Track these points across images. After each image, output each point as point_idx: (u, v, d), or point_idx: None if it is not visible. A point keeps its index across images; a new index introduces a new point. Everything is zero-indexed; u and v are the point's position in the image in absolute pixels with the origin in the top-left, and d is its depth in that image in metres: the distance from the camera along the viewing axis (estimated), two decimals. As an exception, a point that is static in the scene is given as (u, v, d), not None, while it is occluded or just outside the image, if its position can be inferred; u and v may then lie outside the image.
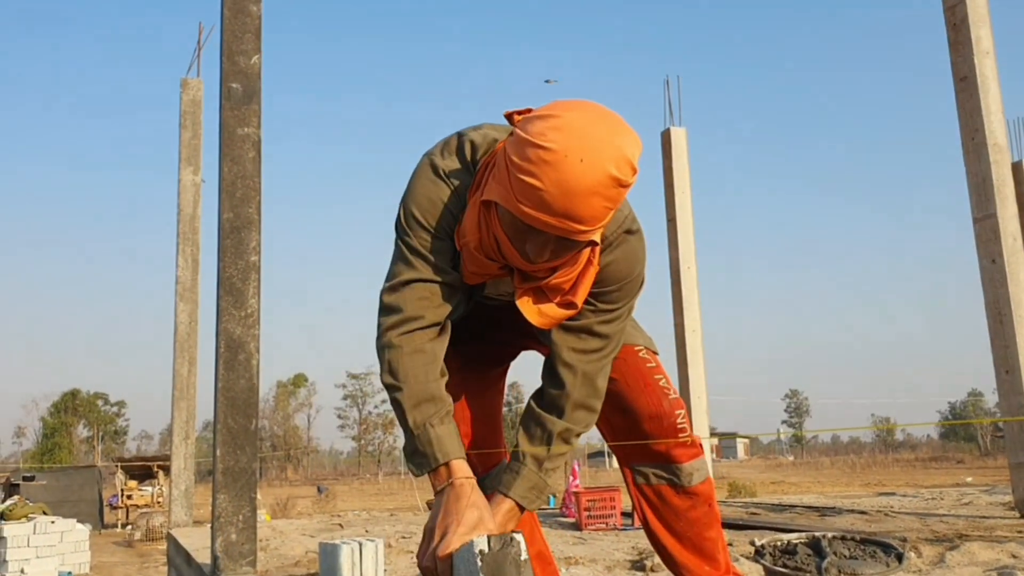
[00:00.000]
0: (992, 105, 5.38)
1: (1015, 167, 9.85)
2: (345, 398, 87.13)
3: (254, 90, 3.50)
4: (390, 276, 1.86)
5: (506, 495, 1.72)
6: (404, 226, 1.84)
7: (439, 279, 1.82)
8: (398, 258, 1.85)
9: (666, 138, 8.86)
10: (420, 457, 1.72)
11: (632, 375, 2.06)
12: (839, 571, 2.16)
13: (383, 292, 1.85)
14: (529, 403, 1.91)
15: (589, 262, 1.79)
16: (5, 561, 11.26)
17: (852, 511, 5.88)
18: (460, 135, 1.85)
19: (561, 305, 1.81)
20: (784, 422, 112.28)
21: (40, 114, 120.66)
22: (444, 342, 1.85)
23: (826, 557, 2.22)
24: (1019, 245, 5.17)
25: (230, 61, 3.50)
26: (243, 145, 3.37)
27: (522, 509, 1.73)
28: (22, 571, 11.24)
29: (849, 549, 2.28)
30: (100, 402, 78.97)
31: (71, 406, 73.21)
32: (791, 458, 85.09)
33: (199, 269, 6.56)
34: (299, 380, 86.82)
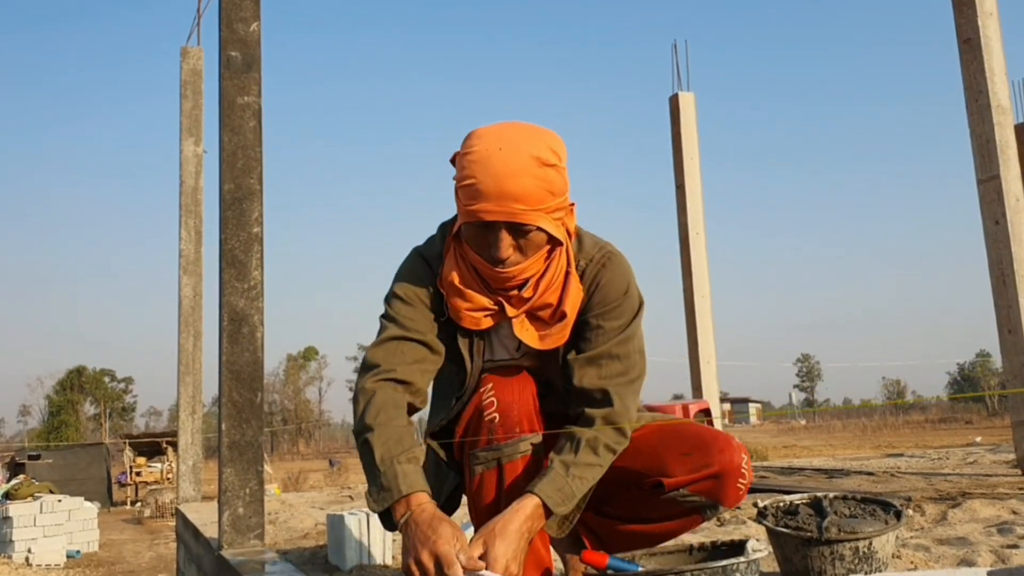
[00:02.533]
0: (996, 67, 5.37)
1: (1019, 129, 9.83)
2: (357, 371, 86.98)
3: (253, 58, 3.44)
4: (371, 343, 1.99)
5: (532, 492, 1.72)
6: (386, 301, 2.02)
7: (413, 338, 1.93)
8: (379, 328, 1.99)
9: (674, 104, 8.79)
10: (383, 492, 1.73)
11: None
12: (839, 529, 2.17)
13: (365, 354, 1.98)
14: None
15: (569, 273, 1.90)
16: (12, 541, 11.23)
17: (859, 473, 5.91)
18: (441, 225, 2.06)
19: (554, 320, 1.91)
20: (796, 387, 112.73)
21: (40, 85, 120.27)
22: (416, 401, 1.93)
23: (827, 516, 2.24)
24: (1022, 206, 5.18)
25: (229, 29, 3.43)
26: (243, 114, 3.32)
27: (548, 513, 1.72)
28: (29, 551, 11.20)
29: (850, 508, 2.29)
30: (107, 379, 79.10)
31: (77, 384, 73.32)
32: (803, 422, 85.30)
33: (202, 242, 6.49)
34: (310, 353, 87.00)
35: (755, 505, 2.56)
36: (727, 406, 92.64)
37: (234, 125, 3.28)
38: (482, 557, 1.60)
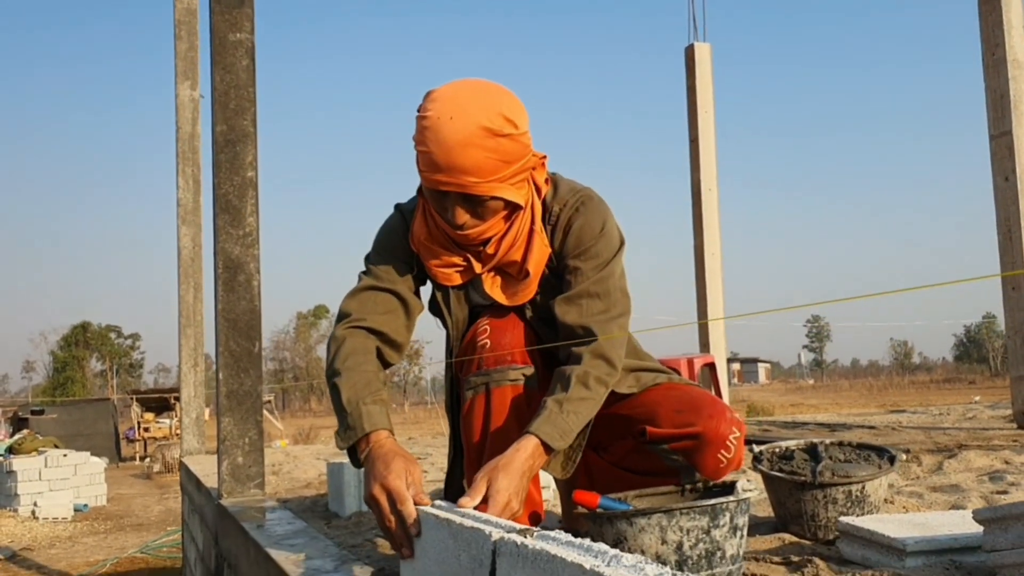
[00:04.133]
0: (1014, 20, 5.28)
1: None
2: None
3: (245, -9, 3.32)
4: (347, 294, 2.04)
5: (529, 432, 1.73)
6: (366, 255, 2.10)
7: (386, 288, 1.99)
8: (357, 279, 2.06)
9: (689, 55, 8.57)
10: (349, 431, 1.77)
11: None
12: (832, 473, 2.17)
13: (340, 304, 2.02)
14: None
15: (532, 231, 1.93)
16: (17, 495, 11.30)
17: (861, 427, 5.96)
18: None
19: (521, 277, 1.95)
20: (805, 347, 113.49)
21: (37, 32, 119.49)
22: (390, 351, 1.98)
23: (821, 461, 2.23)
24: (1033, 163, 5.13)
25: (219, -40, 3.31)
26: (235, 52, 3.24)
27: (548, 449, 1.73)
28: (35, 504, 11.30)
29: (844, 454, 2.29)
30: (113, 335, 79.40)
31: (82, 339, 73.58)
32: (811, 382, 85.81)
33: (201, 191, 6.41)
34: (320, 311, 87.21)
35: (750, 450, 2.56)
36: (737, 366, 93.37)
37: (226, 63, 3.21)
38: (485, 493, 1.59)
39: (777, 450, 2.36)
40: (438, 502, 1.53)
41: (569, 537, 1.12)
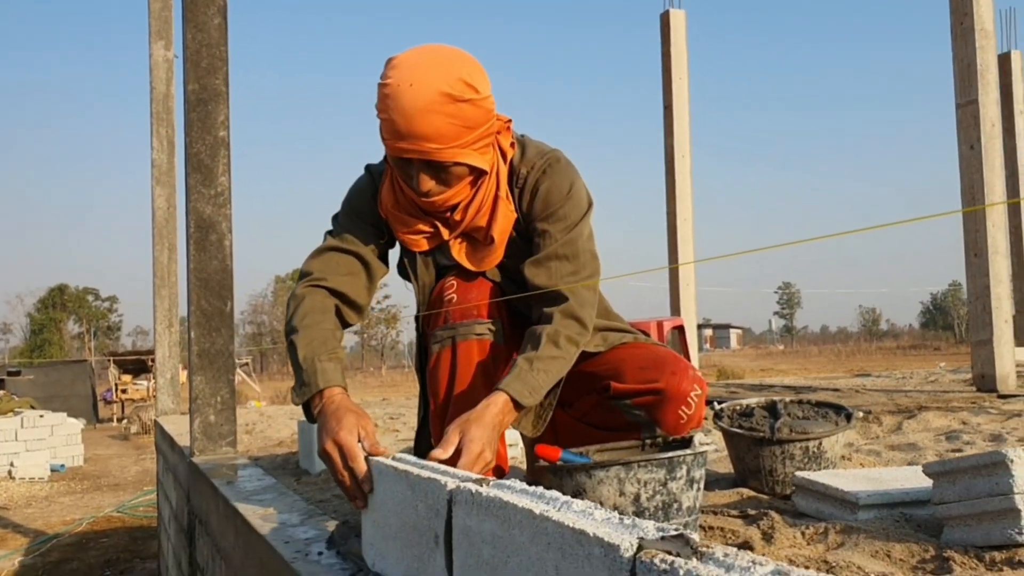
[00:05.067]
0: (982, -12, 5.33)
1: (1002, 58, 9.84)
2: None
3: (217, -52, 3.26)
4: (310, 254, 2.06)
5: (500, 389, 1.75)
6: (333, 216, 2.10)
7: (349, 250, 2.00)
8: (323, 238, 2.08)
9: (664, 21, 8.60)
10: (304, 387, 1.80)
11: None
12: (790, 430, 2.23)
13: (303, 264, 2.05)
14: None
15: (498, 197, 1.94)
16: (-8, 455, 11.34)
17: (826, 389, 6.06)
18: None
19: (487, 243, 1.97)
20: (776, 313, 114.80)
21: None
22: (350, 312, 2.01)
23: (780, 418, 2.29)
24: (997, 131, 5.23)
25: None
26: (207, 10, 3.20)
27: (517, 406, 1.76)
28: (12, 464, 11.30)
29: (803, 411, 2.35)
30: (90, 297, 78.96)
31: (59, 301, 73.18)
32: (781, 347, 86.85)
33: (175, 152, 6.35)
34: (298, 275, 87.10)
35: (711, 407, 2.62)
36: (709, 331, 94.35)
37: (198, 21, 3.18)
38: (458, 445, 1.63)
39: (738, 408, 2.42)
40: (400, 454, 1.56)
41: (524, 486, 1.16)
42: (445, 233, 1.97)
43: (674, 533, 0.83)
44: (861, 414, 2.68)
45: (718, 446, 2.52)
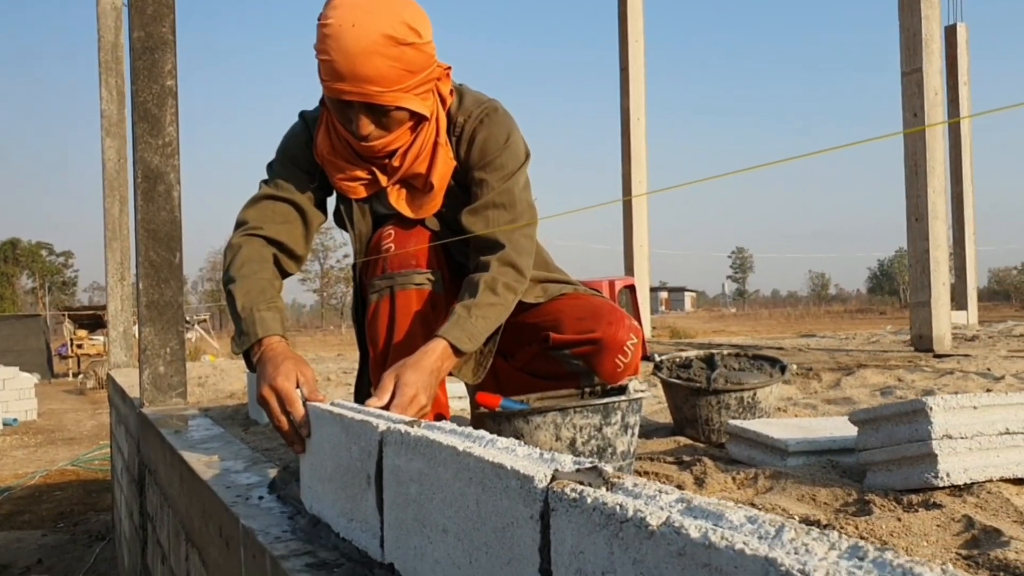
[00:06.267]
0: (929, -41, 5.43)
1: (949, 30, 9.99)
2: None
3: None
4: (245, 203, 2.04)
5: (439, 336, 1.77)
6: (268, 164, 2.08)
7: (284, 198, 2.00)
8: (258, 187, 2.06)
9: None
10: (243, 336, 1.81)
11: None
12: (726, 381, 2.29)
13: (238, 213, 2.03)
14: None
15: (437, 143, 1.94)
16: (-58, 409, 11.24)
17: (771, 347, 6.20)
18: None
19: (426, 190, 1.97)
20: (729, 277, 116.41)
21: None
22: (287, 260, 2.01)
23: (716, 369, 2.35)
24: (940, 99, 5.36)
25: None
26: None
27: (457, 352, 1.77)
28: (-38, 417, 11.27)
29: (740, 363, 2.41)
30: (44, 252, 77.62)
31: (11, 256, 71.88)
32: (733, 310, 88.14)
33: (125, 102, 6.22)
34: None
35: (650, 359, 2.67)
36: (664, 294, 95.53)
37: (142, -35, 3.13)
38: (393, 390, 1.64)
39: (677, 360, 2.47)
40: (338, 400, 1.58)
41: (453, 427, 1.19)
42: (383, 180, 1.97)
43: (588, 466, 0.86)
44: (795, 366, 2.76)
45: (660, 398, 2.58)
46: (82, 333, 26.05)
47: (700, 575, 0.61)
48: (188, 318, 37.14)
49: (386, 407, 1.62)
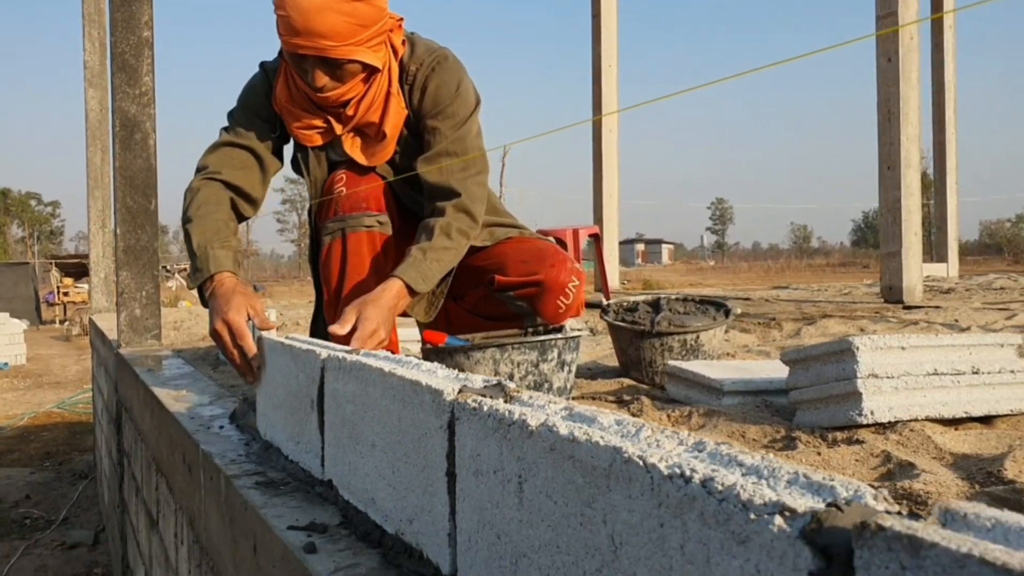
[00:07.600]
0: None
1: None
2: (284, 203, 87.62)
3: None
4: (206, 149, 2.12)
5: (395, 276, 1.85)
6: (229, 112, 2.15)
7: (243, 145, 2.08)
8: (219, 134, 2.14)
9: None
10: (197, 273, 1.90)
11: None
12: (670, 323, 2.39)
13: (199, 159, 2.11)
14: None
15: (389, 93, 2.02)
16: (-66, 352, 11.31)
17: (738, 299, 6.24)
18: None
19: (378, 138, 2.06)
20: (708, 229, 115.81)
21: None
22: (244, 205, 2.09)
23: (661, 312, 2.45)
24: (915, 44, 5.29)
25: None
26: None
27: (411, 292, 1.86)
28: (-47, 362, 11.35)
29: (685, 307, 2.50)
30: (33, 202, 77.32)
31: (2, 206, 71.66)
32: (712, 263, 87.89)
33: (107, 53, 6.21)
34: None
35: (598, 304, 2.77)
36: (641, 246, 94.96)
37: (118, -86, 3.17)
38: (354, 324, 1.73)
39: (624, 303, 2.57)
40: (291, 335, 1.69)
41: (388, 354, 1.30)
42: (338, 128, 2.05)
43: (494, 383, 0.97)
44: (739, 309, 2.85)
45: (589, 332, 2.66)
46: (68, 281, 26.03)
47: (565, 466, 0.72)
48: (168, 267, 37.11)
49: (346, 338, 1.72)
